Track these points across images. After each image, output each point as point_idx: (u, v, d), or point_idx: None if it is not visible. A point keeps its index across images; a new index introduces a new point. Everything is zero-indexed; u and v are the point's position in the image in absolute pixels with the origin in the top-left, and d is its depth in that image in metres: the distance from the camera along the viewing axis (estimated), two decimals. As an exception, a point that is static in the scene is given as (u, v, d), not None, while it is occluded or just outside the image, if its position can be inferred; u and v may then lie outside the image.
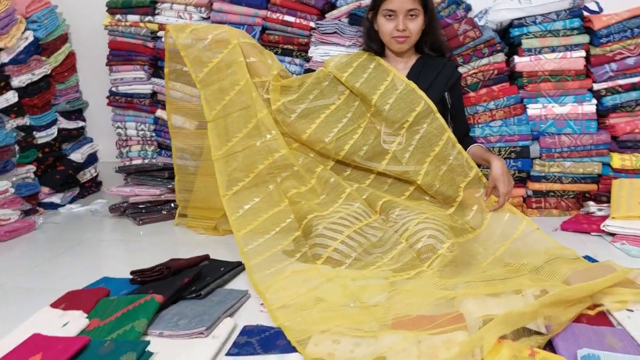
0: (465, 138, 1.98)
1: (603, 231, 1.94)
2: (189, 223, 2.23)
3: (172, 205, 2.34)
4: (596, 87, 2.18)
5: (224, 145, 1.91)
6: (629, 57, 2.13)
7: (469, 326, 1.23)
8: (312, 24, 2.37)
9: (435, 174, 1.85)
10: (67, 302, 1.43)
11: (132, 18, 2.53)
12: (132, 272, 1.60)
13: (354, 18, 2.31)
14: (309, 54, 2.37)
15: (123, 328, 1.26)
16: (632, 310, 1.30)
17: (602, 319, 1.30)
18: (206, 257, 1.76)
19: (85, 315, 1.35)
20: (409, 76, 1.95)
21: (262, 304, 1.46)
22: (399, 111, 1.87)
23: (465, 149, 1.89)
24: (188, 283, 1.50)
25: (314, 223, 1.74)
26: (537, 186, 2.25)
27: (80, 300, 1.42)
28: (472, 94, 2.24)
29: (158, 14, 2.50)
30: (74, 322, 1.30)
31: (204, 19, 2.47)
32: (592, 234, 1.98)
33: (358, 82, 1.94)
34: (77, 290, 1.52)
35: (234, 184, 1.88)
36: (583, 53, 2.17)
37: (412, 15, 1.87)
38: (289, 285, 1.53)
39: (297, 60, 2.41)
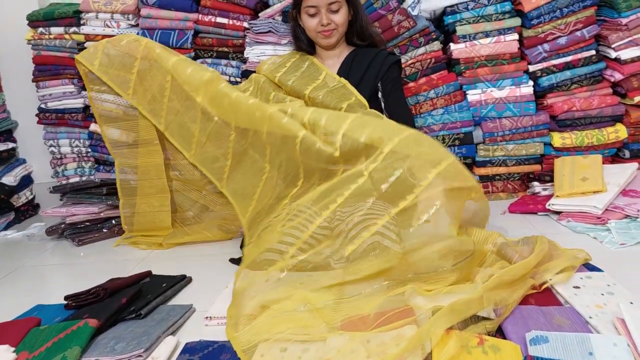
0: None
1: (549, 210, 1.96)
2: (132, 240, 2.13)
3: (113, 222, 2.23)
4: (532, 68, 2.20)
5: (191, 144, 1.88)
6: (560, 36, 2.15)
7: (418, 319, 1.20)
8: (245, 24, 2.32)
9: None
10: (-7, 336, 1.32)
11: (56, 30, 2.41)
12: (66, 297, 1.50)
13: (287, 15, 2.26)
14: (245, 55, 2.32)
15: (54, 359, 1.17)
16: (578, 287, 1.30)
17: (551, 298, 1.29)
18: (148, 274, 1.68)
19: (13, 349, 1.25)
20: (341, 70, 1.92)
21: (206, 317, 1.39)
22: (331, 101, 1.82)
23: None
24: (126, 303, 1.41)
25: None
26: (482, 171, 2.26)
27: (7, 332, 1.31)
28: (411, 84, 2.23)
29: (84, 24, 2.40)
30: (-1, 358, 1.20)
31: (132, 26, 2.38)
32: (539, 214, 2.00)
33: (291, 80, 1.91)
34: (4, 322, 1.41)
35: (221, 172, 1.85)
36: (516, 36, 2.19)
37: (334, 9, 1.83)
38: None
39: (234, 63, 2.36)
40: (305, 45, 1.97)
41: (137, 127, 2.01)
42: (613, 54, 2.14)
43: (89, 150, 2.48)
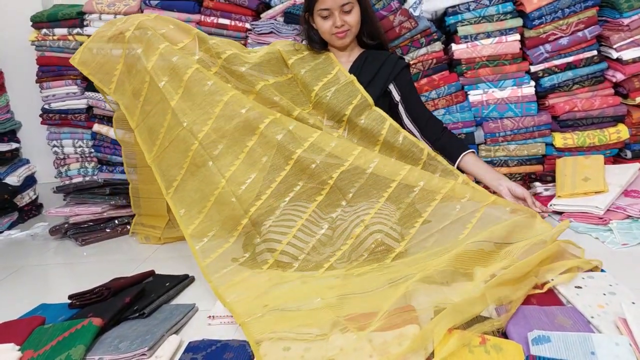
0: (445, 133, 1.92)
1: (551, 211, 1.96)
2: (139, 230, 2.17)
3: (116, 222, 2.25)
4: (533, 69, 2.20)
5: (153, 146, 1.83)
6: (562, 37, 2.15)
7: (420, 318, 1.21)
8: (247, 25, 2.33)
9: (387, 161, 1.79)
10: (-2, 335, 1.33)
11: (60, 31, 2.42)
12: (70, 296, 1.51)
13: (289, 16, 2.28)
14: (247, 56, 2.32)
15: (58, 357, 1.18)
16: (580, 287, 1.31)
17: (552, 298, 1.29)
18: (151, 273, 1.69)
19: (18, 347, 1.26)
20: (352, 70, 1.94)
21: (209, 316, 1.40)
22: (337, 104, 1.85)
23: (457, 154, 1.85)
24: (130, 302, 1.42)
25: (260, 220, 1.68)
26: (484, 171, 2.26)
27: (12, 331, 1.33)
28: (413, 84, 2.24)
29: (87, 25, 2.41)
30: (4, 356, 1.21)
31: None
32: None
33: (304, 69, 1.92)
34: (9, 321, 1.42)
35: (172, 180, 1.78)
36: (518, 36, 2.19)
37: (346, 10, 1.85)
38: (244, 289, 1.48)
39: (236, 63, 2.36)
40: (319, 46, 1.98)
41: None
42: (615, 55, 2.14)
43: (92, 150, 2.49)
